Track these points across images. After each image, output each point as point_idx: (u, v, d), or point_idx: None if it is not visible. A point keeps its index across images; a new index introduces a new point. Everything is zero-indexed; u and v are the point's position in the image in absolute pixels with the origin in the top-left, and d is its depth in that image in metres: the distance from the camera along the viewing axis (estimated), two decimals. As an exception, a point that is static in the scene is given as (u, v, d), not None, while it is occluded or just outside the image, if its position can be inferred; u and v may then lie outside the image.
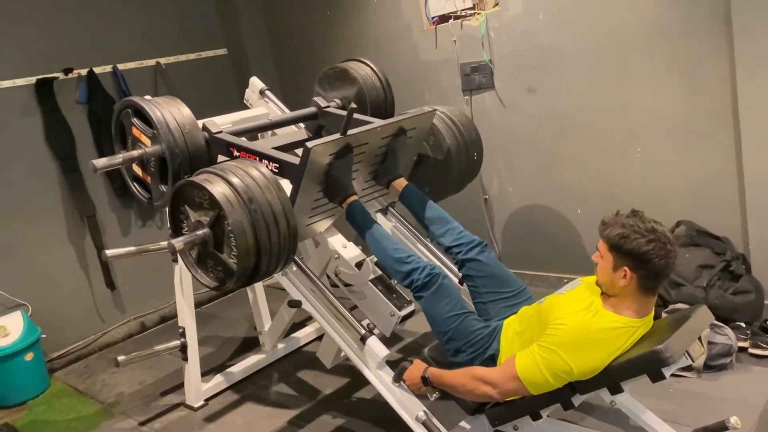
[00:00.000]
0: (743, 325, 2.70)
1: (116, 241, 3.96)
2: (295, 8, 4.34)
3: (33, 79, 3.65)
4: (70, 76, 3.79)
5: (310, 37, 4.32)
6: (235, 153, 2.48)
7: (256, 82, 3.25)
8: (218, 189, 2.04)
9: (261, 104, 3.21)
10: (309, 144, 2.22)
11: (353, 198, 2.40)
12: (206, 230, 2.10)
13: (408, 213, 2.70)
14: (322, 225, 2.59)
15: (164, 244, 2.94)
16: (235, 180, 2.07)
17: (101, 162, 2.43)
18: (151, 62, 4.16)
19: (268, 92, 3.22)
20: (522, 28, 3.29)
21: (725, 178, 2.86)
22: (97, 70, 3.89)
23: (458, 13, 3.49)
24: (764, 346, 2.63)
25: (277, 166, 2.35)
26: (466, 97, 3.61)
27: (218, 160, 2.54)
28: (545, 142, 3.40)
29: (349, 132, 2.32)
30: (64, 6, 3.78)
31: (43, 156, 3.73)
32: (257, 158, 2.39)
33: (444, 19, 3.57)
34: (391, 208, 2.94)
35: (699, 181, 2.96)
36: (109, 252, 2.86)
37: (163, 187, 2.47)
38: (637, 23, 2.94)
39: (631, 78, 3.02)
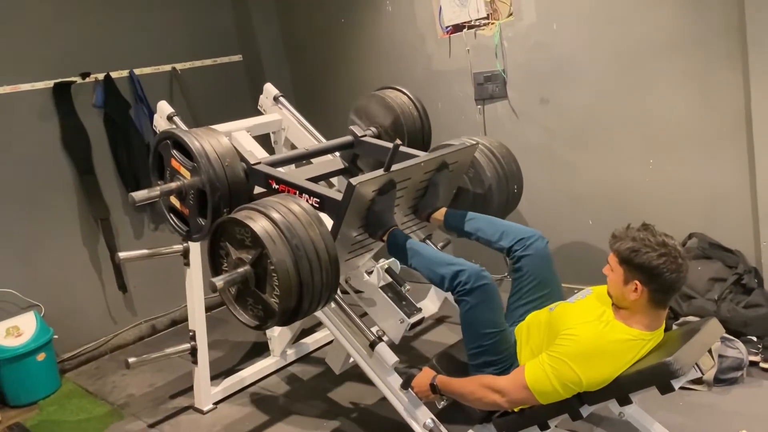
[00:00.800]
0: (755, 339, 2.68)
1: (129, 244, 3.99)
2: (310, 16, 4.37)
3: (51, 83, 3.70)
4: (87, 80, 3.84)
5: (324, 44, 4.35)
6: (274, 185, 2.43)
7: (270, 89, 3.27)
8: (260, 226, 1.97)
9: (275, 110, 3.24)
10: (353, 181, 2.16)
11: (394, 228, 2.34)
12: (248, 268, 2.01)
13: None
14: (361, 260, 2.54)
15: (177, 247, 3.00)
16: (276, 216, 2.00)
17: (140, 195, 2.37)
18: (167, 67, 4.21)
19: (282, 99, 3.24)
20: (536, 39, 3.30)
21: (738, 190, 2.85)
22: (113, 74, 3.94)
23: (472, 23, 3.51)
24: (776, 360, 2.62)
25: (318, 201, 2.28)
26: (479, 107, 3.62)
27: (255, 191, 2.51)
28: (557, 152, 3.40)
29: (393, 168, 2.27)
30: (82, 11, 3.83)
31: (60, 158, 3.77)
32: (297, 192, 2.34)
33: (458, 28, 3.59)
34: (428, 241, 2.90)
35: (712, 194, 2.95)
36: (122, 254, 2.89)
37: (201, 221, 2.41)
38: (650, 34, 2.94)
39: (645, 89, 3.02)
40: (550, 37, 3.25)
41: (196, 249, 3.01)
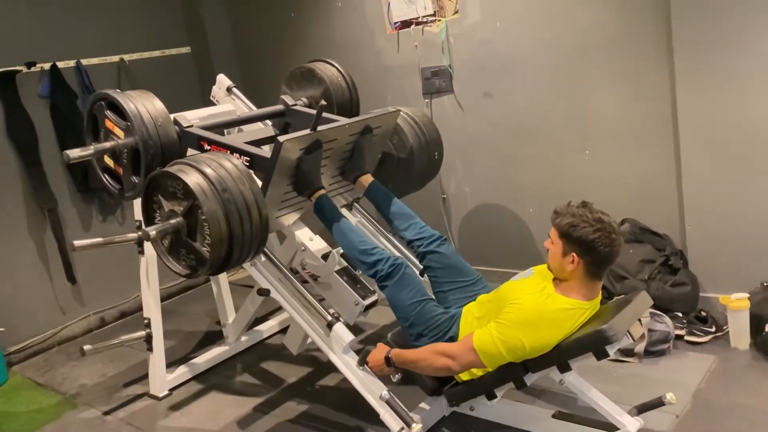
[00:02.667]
0: (680, 314, 2.92)
1: (77, 236, 3.95)
2: (260, 9, 4.42)
3: (-5, 72, 3.65)
4: (32, 69, 3.79)
5: (274, 38, 4.41)
6: (206, 147, 2.56)
7: (223, 80, 3.33)
8: (193, 179, 2.11)
9: (228, 101, 3.30)
10: (281, 138, 2.32)
11: (321, 192, 2.52)
12: (180, 219, 2.16)
13: (372, 208, 2.83)
14: (290, 218, 2.69)
15: (131, 235, 3.00)
16: (208, 171, 2.14)
17: (74, 152, 2.47)
18: (115, 58, 4.18)
19: (234, 89, 3.31)
20: (480, 36, 3.47)
21: (666, 179, 3.08)
22: (60, 64, 3.89)
23: (419, 20, 3.64)
24: (699, 333, 2.86)
25: (249, 159, 2.44)
26: (427, 100, 3.76)
27: (188, 154, 2.61)
28: (501, 144, 3.57)
29: (319, 128, 2.43)
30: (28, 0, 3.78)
31: (5, 149, 3.71)
32: (228, 151, 2.47)
33: (406, 24, 3.72)
34: (356, 204, 3.07)
35: (642, 182, 3.17)
36: (77, 242, 2.87)
37: (135, 179, 2.53)
38: (586, 35, 3.14)
39: (581, 85, 3.22)
40: (494, 35, 3.42)
41: (151, 237, 3.03)
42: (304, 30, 4.22)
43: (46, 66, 3.84)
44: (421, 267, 2.56)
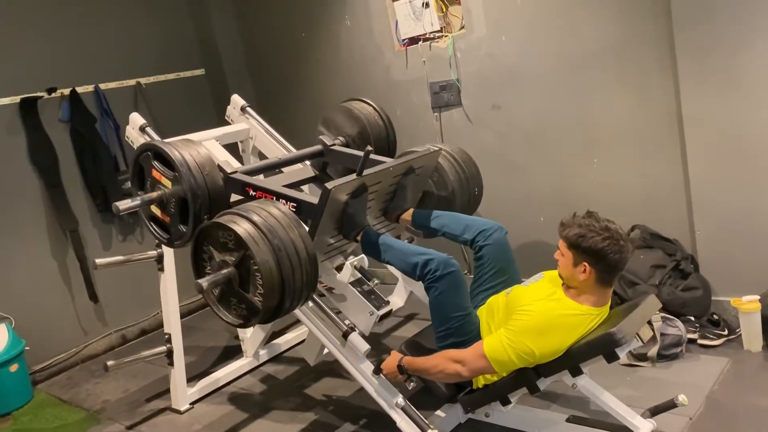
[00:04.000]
0: (692, 318, 2.94)
1: (98, 255, 4.01)
2: (271, 30, 4.54)
3: (17, 98, 3.77)
4: (53, 95, 3.91)
5: (285, 58, 4.52)
6: (251, 192, 2.55)
7: (237, 100, 3.41)
8: (243, 229, 2.08)
9: (242, 120, 3.38)
10: (329, 185, 2.31)
11: (366, 227, 2.50)
12: (232, 269, 2.12)
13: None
14: (336, 262, 2.69)
15: (151, 253, 3.10)
16: (258, 219, 2.11)
17: (123, 204, 2.45)
18: (132, 82, 4.31)
19: (249, 109, 3.39)
20: (486, 50, 3.54)
21: (674, 184, 3.12)
22: (79, 89, 4.02)
23: (427, 36, 3.72)
24: (711, 337, 2.88)
25: (295, 205, 2.41)
26: (436, 114, 3.83)
27: (231, 199, 2.61)
28: (509, 155, 3.63)
29: (364, 173, 2.45)
30: (48, 28, 3.91)
31: (27, 172, 3.83)
32: (274, 198, 2.46)
33: (414, 41, 3.80)
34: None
35: (651, 189, 3.21)
36: (99, 261, 2.98)
37: (182, 227, 2.50)
38: (589, 44, 3.19)
39: (587, 94, 3.28)
40: (500, 48, 3.49)
41: (170, 254, 3.11)
42: (314, 49, 4.32)
43: (66, 91, 3.97)
44: (473, 258, 2.51)
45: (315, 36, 4.29)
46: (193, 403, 3.20)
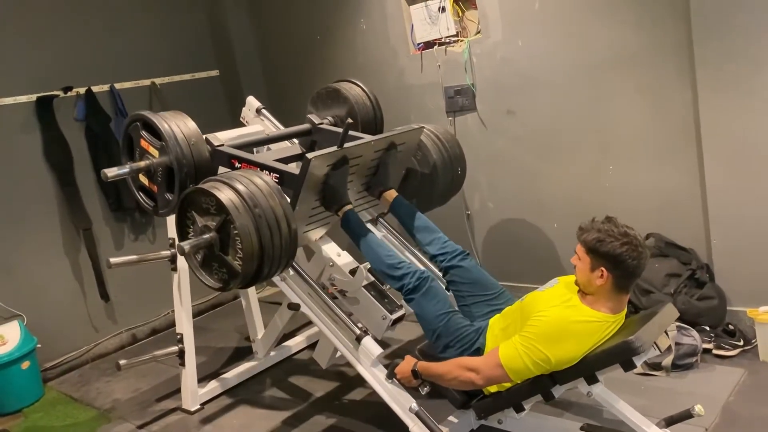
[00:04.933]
0: (707, 328, 2.92)
1: (110, 254, 4.05)
2: (286, 33, 4.55)
3: (34, 97, 3.79)
4: (69, 94, 3.93)
5: (300, 61, 4.52)
6: (237, 165, 2.64)
7: (252, 101, 3.43)
8: (225, 195, 2.17)
9: (257, 122, 3.39)
10: (309, 155, 2.40)
11: (348, 207, 2.58)
12: (213, 234, 2.22)
13: (396, 223, 2.88)
14: (318, 233, 2.76)
15: (165, 253, 3.11)
16: (240, 187, 2.20)
17: (112, 171, 2.55)
18: (147, 82, 4.32)
19: (263, 110, 3.40)
20: (502, 55, 3.53)
21: (690, 193, 3.10)
22: (95, 88, 4.04)
23: (442, 40, 3.72)
24: (727, 347, 2.85)
25: (278, 176, 2.51)
26: (450, 119, 3.83)
27: (219, 172, 2.67)
28: (524, 160, 3.62)
29: (345, 145, 2.51)
30: (65, 27, 3.94)
31: (42, 170, 3.85)
32: (258, 169, 2.54)
33: (429, 45, 3.80)
34: (381, 219, 3.13)
35: (667, 197, 3.19)
36: (113, 260, 2.99)
37: (168, 196, 2.60)
38: (607, 52, 3.18)
39: (603, 102, 3.26)
40: (516, 53, 3.48)
41: (183, 254, 3.12)
42: (329, 51, 4.32)
43: (82, 90, 3.98)
44: (446, 282, 2.60)
45: (330, 39, 4.29)
46: (203, 404, 3.20)
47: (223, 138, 2.91)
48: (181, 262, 3.13)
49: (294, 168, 2.59)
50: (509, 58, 3.51)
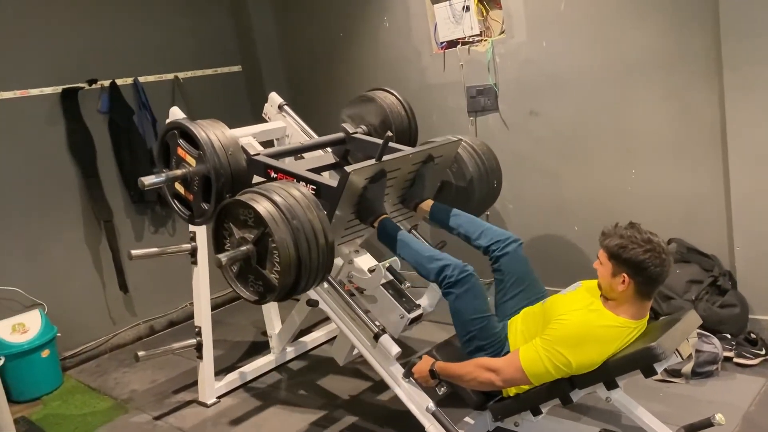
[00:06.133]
0: (729, 336, 2.88)
1: (130, 246, 4.07)
2: (309, 29, 4.56)
3: (59, 89, 3.83)
4: (93, 86, 3.97)
5: (322, 58, 4.53)
6: (273, 174, 2.59)
7: (275, 98, 3.43)
8: (264, 207, 2.12)
9: (279, 118, 3.39)
10: (348, 168, 2.34)
11: (384, 217, 2.52)
12: (250, 246, 2.16)
13: (430, 234, 2.80)
14: (352, 246, 2.72)
15: (186, 246, 3.13)
16: (278, 199, 2.15)
17: (149, 179, 2.51)
18: (170, 76, 4.35)
19: (286, 107, 3.39)
20: (526, 55, 3.51)
21: (714, 199, 3.06)
22: (119, 81, 4.07)
23: (466, 39, 3.70)
24: (748, 356, 2.81)
25: (314, 188, 2.45)
26: (471, 118, 3.81)
27: (254, 180, 2.64)
28: (545, 162, 3.59)
29: (384, 158, 2.46)
30: (90, 21, 3.98)
31: (65, 162, 3.90)
32: (294, 180, 2.49)
33: (452, 44, 3.78)
34: (414, 231, 3.07)
35: (690, 202, 3.15)
36: (134, 252, 3.01)
37: (204, 205, 2.56)
38: (633, 54, 3.15)
39: (628, 103, 3.23)
40: (540, 54, 3.46)
41: (203, 248, 3.14)
42: (351, 49, 4.32)
43: (106, 83, 4.02)
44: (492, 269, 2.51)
45: (352, 36, 4.29)
46: (219, 397, 3.22)
47: (243, 135, 2.91)
48: (202, 255, 3.15)
49: (329, 179, 2.57)
50: (533, 58, 3.48)
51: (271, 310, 3.50)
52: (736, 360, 2.83)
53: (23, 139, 3.73)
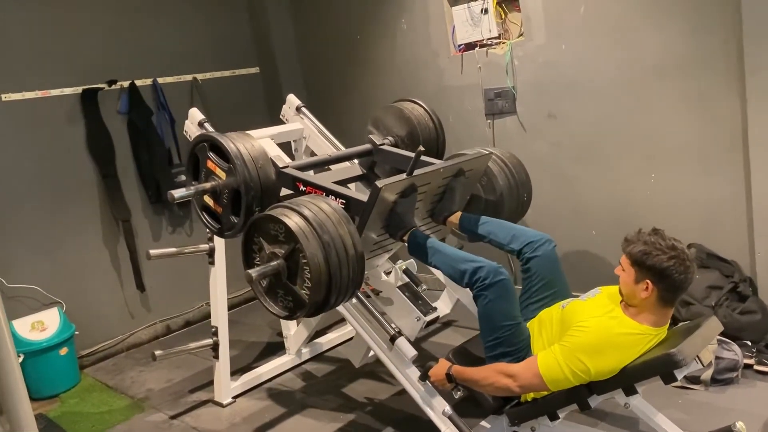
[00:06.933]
0: (749, 343, 2.84)
1: (148, 246, 4.11)
2: (326, 31, 4.57)
3: (80, 89, 3.87)
4: (113, 87, 4.01)
5: (339, 59, 4.54)
6: (301, 187, 2.58)
7: (293, 99, 3.44)
8: (294, 222, 2.09)
9: (297, 120, 3.41)
10: (378, 183, 2.31)
11: (413, 228, 2.48)
12: (281, 261, 2.13)
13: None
14: (381, 260, 2.72)
15: (203, 246, 3.14)
16: (308, 214, 2.12)
17: (178, 193, 2.50)
18: (188, 77, 4.38)
19: (303, 109, 3.41)
20: (545, 58, 3.49)
21: (735, 204, 3.03)
22: (138, 82, 4.11)
23: (484, 42, 3.69)
24: (769, 363, 2.78)
25: (344, 202, 2.43)
26: (489, 121, 3.80)
27: (282, 193, 2.64)
28: (563, 165, 3.57)
29: (415, 173, 2.43)
30: (110, 22, 4.02)
31: (85, 161, 3.93)
32: (324, 193, 2.48)
33: (470, 47, 3.77)
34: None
35: (710, 207, 3.12)
36: (153, 251, 3.03)
37: (234, 218, 2.53)
38: (653, 58, 3.12)
39: (648, 108, 3.20)
40: (559, 57, 3.44)
41: (220, 248, 3.15)
42: (369, 51, 4.33)
43: (126, 84, 4.06)
44: (521, 270, 2.47)
45: (370, 38, 4.30)
46: (235, 397, 3.23)
47: (260, 136, 2.92)
48: (219, 256, 3.17)
49: (357, 192, 2.54)
50: (552, 61, 3.47)
51: (286, 311, 3.51)
52: (756, 367, 2.79)
53: (44, 139, 3.77)
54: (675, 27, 3.03)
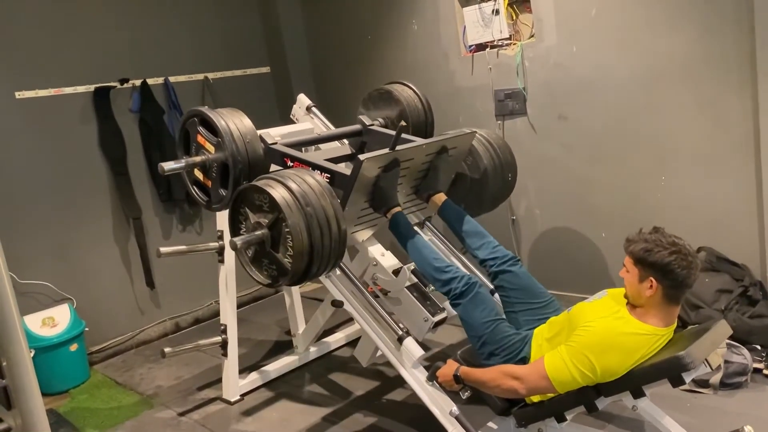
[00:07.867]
0: (759, 347, 2.83)
1: (158, 243, 4.15)
2: (337, 32, 4.58)
3: (92, 87, 3.90)
4: (125, 85, 4.04)
5: (350, 59, 4.55)
6: (289, 163, 2.66)
7: (303, 99, 3.46)
8: (279, 193, 2.18)
9: (307, 119, 3.42)
10: (361, 157, 2.39)
11: (397, 209, 2.58)
12: (265, 231, 2.23)
13: (443, 227, 2.87)
14: (365, 234, 2.77)
15: (213, 245, 3.16)
16: (293, 185, 2.21)
17: (168, 165, 2.59)
18: (200, 76, 4.41)
19: (314, 109, 3.43)
20: (555, 59, 3.48)
21: (745, 208, 3.01)
22: (150, 81, 4.13)
23: (495, 43, 3.69)
24: (778, 368, 2.77)
25: (329, 176, 2.50)
26: (499, 122, 3.80)
27: (271, 169, 2.70)
28: (574, 167, 3.57)
29: (397, 148, 2.50)
30: (123, 22, 4.04)
31: (96, 159, 3.96)
32: (310, 168, 2.55)
33: (481, 47, 3.77)
34: (428, 222, 3.12)
35: (720, 210, 3.10)
36: (163, 249, 3.05)
37: (222, 192, 2.62)
38: (665, 61, 3.11)
39: (659, 110, 3.19)
40: (570, 59, 3.43)
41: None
42: (379, 51, 4.34)
43: (137, 83, 4.08)
44: (492, 286, 2.58)
45: (381, 39, 4.30)
46: (243, 395, 3.25)
47: (275, 134, 2.94)
48: (229, 254, 3.18)
49: (344, 168, 2.60)
50: (563, 63, 3.46)
51: (296, 310, 3.53)
52: (766, 372, 2.77)
53: (56, 137, 3.80)
54: (686, 29, 3.02)
